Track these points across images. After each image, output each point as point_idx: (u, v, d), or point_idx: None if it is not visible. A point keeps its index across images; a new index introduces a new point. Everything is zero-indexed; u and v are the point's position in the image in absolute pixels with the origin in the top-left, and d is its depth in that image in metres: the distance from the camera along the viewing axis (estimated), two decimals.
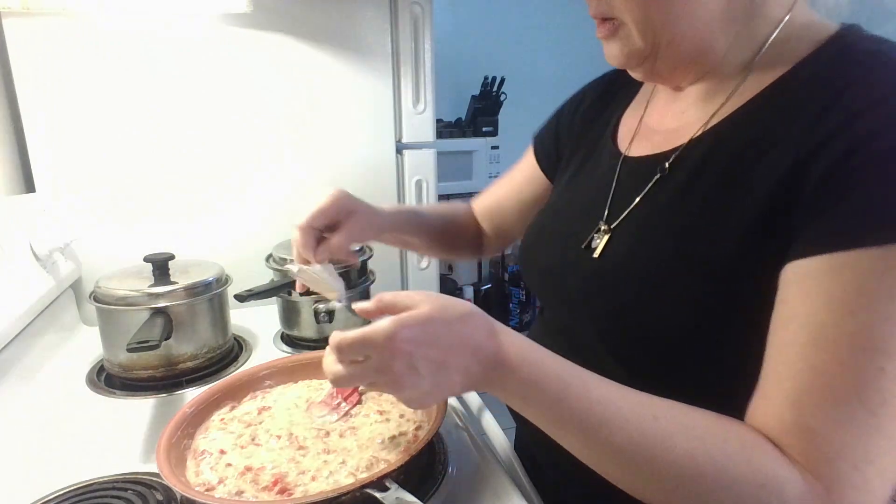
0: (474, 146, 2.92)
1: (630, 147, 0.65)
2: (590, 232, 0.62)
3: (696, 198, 0.53)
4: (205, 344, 0.93)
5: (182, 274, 0.93)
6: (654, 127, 0.64)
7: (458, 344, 0.48)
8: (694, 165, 0.55)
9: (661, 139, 0.61)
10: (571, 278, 0.62)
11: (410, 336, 0.46)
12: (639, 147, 0.64)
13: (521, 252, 0.75)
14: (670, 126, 0.62)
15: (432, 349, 0.47)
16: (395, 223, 0.82)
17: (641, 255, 0.56)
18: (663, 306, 0.52)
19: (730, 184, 0.51)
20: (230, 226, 1.22)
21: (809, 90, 0.49)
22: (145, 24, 1.09)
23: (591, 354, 0.57)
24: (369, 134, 1.29)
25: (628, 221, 0.59)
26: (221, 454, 0.64)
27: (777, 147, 0.48)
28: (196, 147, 1.17)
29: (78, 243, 1.11)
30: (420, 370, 0.47)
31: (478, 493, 0.63)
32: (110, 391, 0.88)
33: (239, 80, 1.17)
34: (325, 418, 0.71)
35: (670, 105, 0.64)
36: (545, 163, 0.83)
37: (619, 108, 0.72)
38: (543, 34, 3.20)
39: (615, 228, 0.60)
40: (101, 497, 0.62)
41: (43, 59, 1.04)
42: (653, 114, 0.67)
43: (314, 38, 1.20)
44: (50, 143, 1.07)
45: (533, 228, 0.74)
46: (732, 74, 0.56)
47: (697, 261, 0.51)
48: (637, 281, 0.55)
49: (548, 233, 0.71)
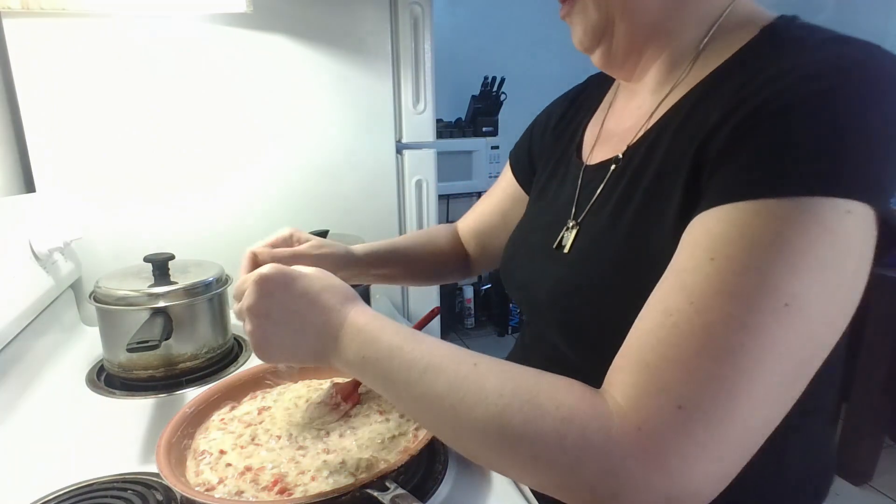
0: (474, 146, 2.93)
1: (591, 154, 0.66)
2: (559, 233, 0.63)
3: (640, 189, 0.54)
4: (205, 344, 0.93)
5: (182, 274, 0.93)
6: (613, 130, 0.65)
7: (313, 301, 0.52)
8: (640, 158, 0.56)
9: (617, 140, 0.62)
10: (542, 282, 0.62)
11: (278, 280, 0.52)
12: (598, 153, 0.65)
13: (501, 269, 0.75)
14: (626, 125, 0.62)
15: (289, 298, 0.52)
16: (370, 260, 0.81)
17: (601, 245, 0.56)
18: (615, 294, 0.52)
19: (667, 172, 0.51)
20: (230, 226, 1.22)
21: (737, 75, 0.49)
22: (145, 23, 1.09)
23: (563, 360, 0.57)
24: (369, 134, 1.29)
25: (592, 213, 0.60)
26: (221, 454, 0.64)
27: (704, 130, 0.48)
28: (196, 147, 1.17)
29: (78, 243, 1.11)
30: (272, 314, 0.52)
31: (478, 493, 0.63)
32: (110, 391, 0.88)
33: (239, 80, 1.17)
34: (325, 418, 0.71)
35: (628, 104, 0.65)
36: (522, 178, 0.84)
37: (584, 118, 0.73)
38: (543, 34, 3.20)
39: (582, 222, 0.61)
40: (101, 497, 0.62)
41: (43, 59, 1.04)
42: (612, 117, 0.67)
43: (314, 38, 1.20)
44: (50, 143, 1.07)
45: (508, 244, 0.75)
46: (681, 62, 0.57)
47: (643, 252, 0.51)
48: (595, 269, 0.55)
49: (522, 246, 0.71)
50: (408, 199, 1.37)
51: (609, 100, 0.71)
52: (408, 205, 1.37)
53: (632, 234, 0.53)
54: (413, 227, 1.39)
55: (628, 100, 0.65)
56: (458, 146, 2.89)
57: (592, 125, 0.71)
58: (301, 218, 1.25)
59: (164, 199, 1.17)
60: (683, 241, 0.45)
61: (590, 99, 0.75)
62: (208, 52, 1.14)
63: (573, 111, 0.77)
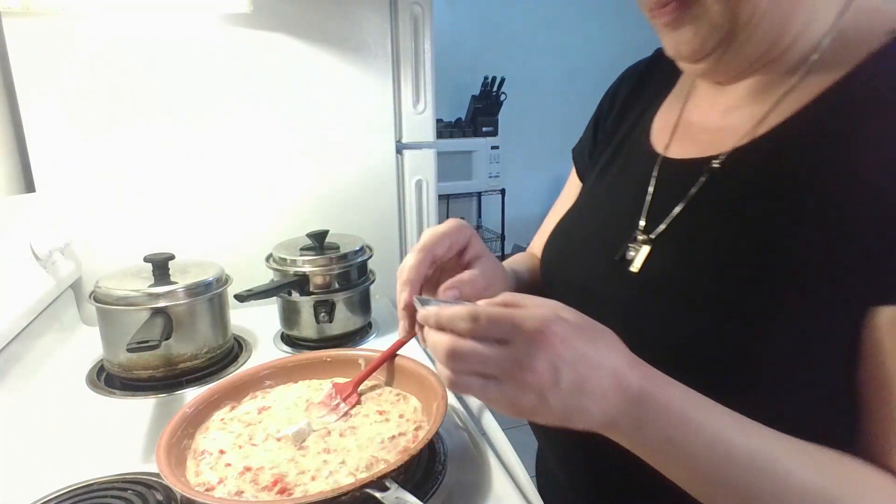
0: (474, 146, 2.93)
1: (669, 147, 0.58)
2: (624, 241, 0.55)
3: (761, 206, 0.47)
4: (205, 344, 0.93)
5: (182, 274, 0.93)
6: (697, 125, 0.57)
7: (602, 363, 0.40)
8: (754, 169, 0.49)
9: (706, 139, 0.54)
10: (606, 296, 0.55)
11: (564, 332, 0.38)
12: (680, 148, 0.57)
13: (543, 264, 0.67)
14: (716, 125, 0.55)
15: (580, 357, 0.39)
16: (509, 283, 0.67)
17: (702, 273, 0.48)
18: (725, 331, 0.46)
19: (802, 190, 0.45)
20: (230, 226, 1.22)
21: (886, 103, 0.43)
22: (145, 24, 1.09)
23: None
24: (369, 134, 1.29)
25: (673, 231, 0.52)
26: (221, 454, 0.64)
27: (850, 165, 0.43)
28: (196, 147, 1.17)
29: (78, 243, 1.11)
30: (562, 377, 0.38)
31: (478, 493, 0.63)
32: (110, 391, 0.88)
33: (239, 80, 1.17)
34: (325, 419, 0.71)
35: (715, 100, 0.57)
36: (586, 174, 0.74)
37: (653, 100, 0.65)
38: (543, 34, 3.20)
39: (656, 239, 0.53)
40: (101, 497, 0.62)
41: (43, 59, 1.04)
42: (694, 110, 0.59)
43: (314, 38, 1.20)
44: (50, 143, 1.07)
45: (556, 236, 0.66)
46: (789, 68, 0.49)
47: (773, 279, 0.45)
48: (696, 303, 0.48)
49: (574, 241, 0.63)
50: (408, 199, 1.37)
51: (686, 86, 0.62)
52: (408, 205, 1.37)
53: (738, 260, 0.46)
54: (413, 227, 1.39)
55: (715, 95, 0.57)
56: (458, 146, 2.89)
57: (665, 112, 0.62)
58: (301, 218, 1.25)
59: (164, 199, 1.16)
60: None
61: (662, 79, 0.65)
62: (208, 52, 1.14)
63: (642, 88, 0.67)
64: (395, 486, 0.55)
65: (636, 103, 0.67)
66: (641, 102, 0.66)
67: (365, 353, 0.82)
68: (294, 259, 1.00)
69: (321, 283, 1.00)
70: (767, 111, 0.50)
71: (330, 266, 1.00)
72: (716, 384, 0.43)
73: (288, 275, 0.99)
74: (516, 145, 3.12)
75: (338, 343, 1.03)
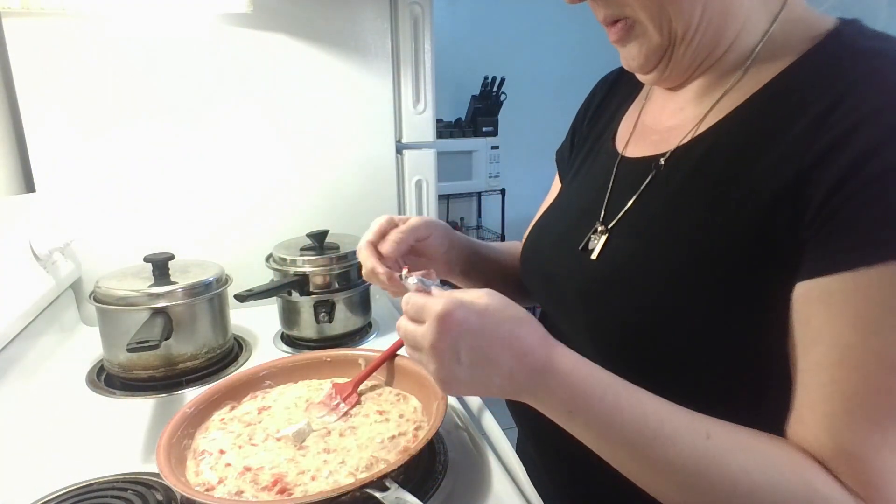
0: (474, 146, 2.92)
1: (627, 147, 0.65)
2: (586, 233, 0.61)
3: (698, 196, 0.52)
4: (205, 344, 0.93)
5: (182, 274, 0.93)
6: (651, 126, 0.64)
7: (507, 344, 0.47)
8: (693, 164, 0.54)
9: (657, 138, 0.61)
10: (569, 282, 0.61)
11: (462, 319, 0.46)
12: (636, 147, 0.63)
13: (521, 255, 0.73)
14: (667, 124, 0.61)
15: (480, 340, 0.46)
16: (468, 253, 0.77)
17: (648, 257, 0.54)
18: (670, 308, 0.51)
19: (732, 182, 0.50)
20: (230, 226, 1.22)
21: (811, 89, 0.48)
22: (145, 24, 1.09)
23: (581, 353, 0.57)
24: (369, 134, 1.29)
25: (625, 222, 0.58)
26: (221, 454, 0.64)
27: (779, 147, 0.47)
28: (196, 146, 1.17)
29: (78, 243, 1.11)
30: (461, 357, 0.46)
31: (478, 493, 0.63)
32: (110, 391, 0.88)
33: (239, 79, 1.17)
34: (325, 419, 0.71)
35: (667, 103, 0.63)
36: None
37: (621, 105, 0.71)
38: (543, 34, 3.20)
39: (612, 229, 0.59)
40: (101, 497, 0.62)
41: (43, 59, 1.04)
42: (649, 112, 0.66)
43: (314, 38, 1.20)
44: (50, 142, 1.07)
45: (533, 231, 0.73)
46: (730, 69, 0.55)
47: (710, 259, 0.50)
48: (644, 283, 0.53)
49: (548, 235, 0.70)
50: (408, 199, 1.37)
51: (646, 92, 0.69)
52: (408, 205, 1.37)
53: (694, 243, 0.51)
54: None
55: (667, 98, 0.63)
56: (458, 146, 2.88)
57: (629, 115, 0.69)
58: (301, 218, 1.25)
59: (164, 199, 1.16)
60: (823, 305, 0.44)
61: (628, 84, 0.72)
62: (208, 53, 1.14)
63: (611, 95, 0.75)
64: (395, 486, 0.55)
65: (607, 109, 0.74)
66: (611, 108, 0.73)
67: (365, 353, 0.82)
68: (294, 259, 1.00)
69: (321, 283, 1.00)
70: (707, 111, 0.56)
71: (330, 266, 1.00)
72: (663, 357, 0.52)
73: (288, 275, 0.99)
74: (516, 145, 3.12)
75: (338, 343, 1.03)
